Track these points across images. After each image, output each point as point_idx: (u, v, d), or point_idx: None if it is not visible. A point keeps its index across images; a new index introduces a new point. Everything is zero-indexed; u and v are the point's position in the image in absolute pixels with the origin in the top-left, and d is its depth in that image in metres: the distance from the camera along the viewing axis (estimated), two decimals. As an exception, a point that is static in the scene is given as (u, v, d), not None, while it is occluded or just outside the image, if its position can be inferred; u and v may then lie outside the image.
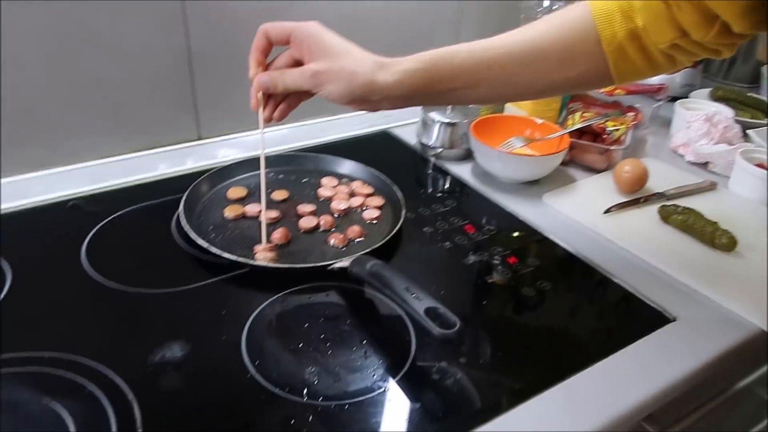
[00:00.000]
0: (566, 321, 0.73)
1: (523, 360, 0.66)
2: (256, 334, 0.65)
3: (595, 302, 0.76)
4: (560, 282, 0.78)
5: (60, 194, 0.87)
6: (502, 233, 0.86)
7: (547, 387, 0.62)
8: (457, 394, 0.61)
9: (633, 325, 0.71)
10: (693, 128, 1.10)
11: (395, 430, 0.56)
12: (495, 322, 0.72)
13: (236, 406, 0.57)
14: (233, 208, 0.83)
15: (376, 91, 0.62)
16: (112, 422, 0.54)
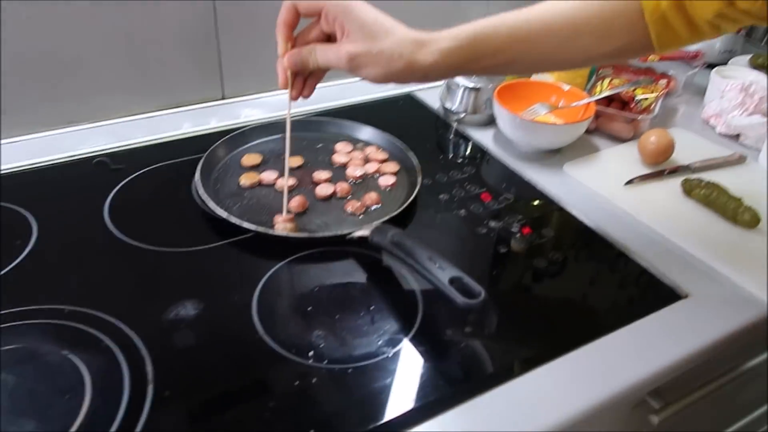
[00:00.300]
0: (577, 293, 0.73)
1: (531, 330, 0.67)
2: (267, 296, 0.67)
3: (608, 276, 0.76)
4: (574, 255, 0.77)
5: (86, 150, 0.89)
6: (518, 203, 0.85)
7: (556, 357, 0.63)
8: (461, 361, 0.62)
9: (645, 300, 0.71)
10: (727, 98, 1.06)
11: (397, 395, 0.57)
12: (505, 292, 0.72)
13: (243, 366, 0.60)
14: (249, 176, 0.83)
15: (415, 72, 0.61)
16: (125, 375, 0.57)
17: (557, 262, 0.75)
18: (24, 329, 0.61)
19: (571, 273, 0.75)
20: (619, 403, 0.62)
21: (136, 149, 0.91)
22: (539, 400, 0.58)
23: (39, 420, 0.53)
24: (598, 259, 0.78)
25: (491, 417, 0.56)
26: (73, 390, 0.55)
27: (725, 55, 1.29)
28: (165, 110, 0.96)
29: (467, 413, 0.57)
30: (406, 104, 1.11)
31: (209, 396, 0.56)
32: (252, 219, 0.74)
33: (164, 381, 0.57)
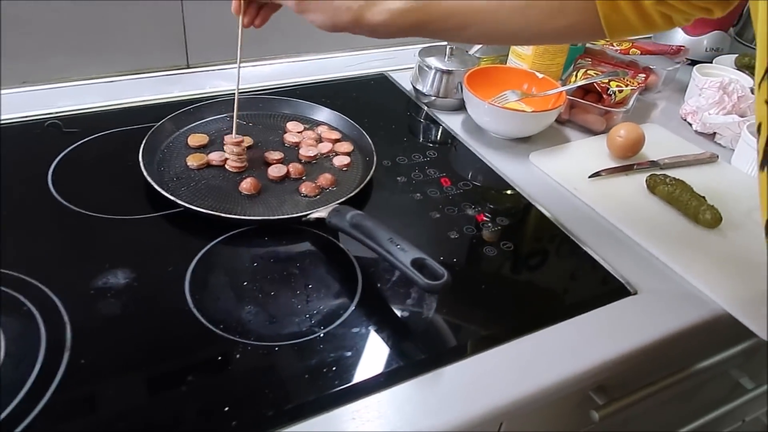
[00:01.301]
0: (527, 283, 0.71)
1: (477, 316, 0.66)
2: (202, 269, 0.66)
3: (560, 267, 0.74)
4: (526, 244, 0.76)
5: (40, 112, 0.87)
6: (478, 189, 0.83)
7: (500, 343, 0.62)
8: (394, 347, 0.60)
9: (593, 293, 0.70)
10: (705, 95, 1.04)
11: (320, 376, 0.56)
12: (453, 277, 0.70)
13: (166, 338, 0.58)
14: (196, 157, 0.80)
15: (362, 27, 0.61)
16: (42, 340, 0.55)
17: (510, 251, 0.73)
18: (-55, 288, 0.60)
19: (523, 262, 0.73)
20: (560, 394, 0.61)
21: (93, 114, 0.89)
22: (478, 383, 0.58)
23: (-56, 381, 0.51)
24: (552, 251, 0.76)
25: (418, 403, 0.55)
26: (-14, 353, 0.54)
27: (711, 54, 1.27)
28: (126, 75, 0.94)
29: (394, 397, 0.55)
30: (378, 84, 1.09)
31: (126, 367, 0.55)
32: (203, 204, 0.72)
33: (82, 349, 0.55)
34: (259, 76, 1.01)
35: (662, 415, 0.90)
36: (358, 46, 1.11)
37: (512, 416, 0.61)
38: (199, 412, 0.52)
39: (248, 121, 0.90)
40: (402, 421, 0.53)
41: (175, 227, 0.71)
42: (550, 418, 0.72)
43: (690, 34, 1.27)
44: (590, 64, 1.08)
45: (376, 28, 0.61)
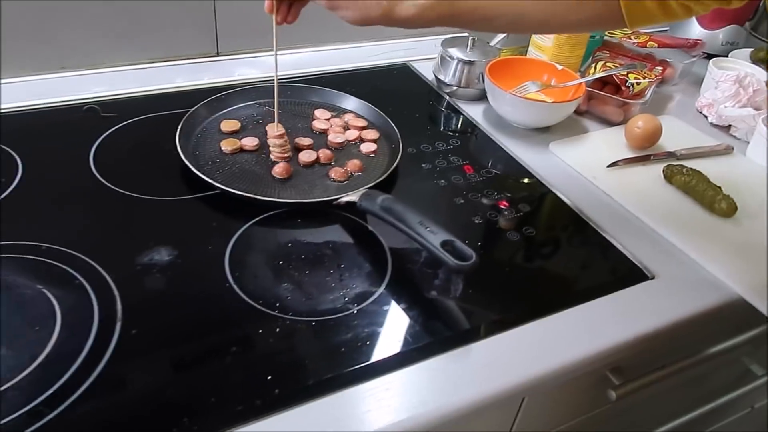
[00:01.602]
0: (548, 267, 0.74)
1: (500, 297, 0.69)
2: (240, 248, 0.69)
3: (580, 252, 0.77)
4: (548, 230, 0.79)
5: (78, 96, 0.90)
6: (499, 177, 0.86)
7: (521, 323, 0.64)
8: (425, 323, 0.63)
9: (612, 278, 0.73)
10: (721, 88, 1.06)
11: (356, 350, 0.59)
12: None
13: (210, 312, 0.62)
14: (230, 142, 0.83)
15: (392, 22, 0.63)
16: (95, 312, 0.59)
17: (531, 237, 0.76)
18: (1, 262, 0.63)
19: (544, 247, 0.76)
20: (579, 372, 0.63)
21: (128, 99, 0.92)
22: (502, 360, 0.60)
23: (8, 348, 0.55)
24: (572, 236, 0.79)
25: (447, 377, 0.58)
26: (44, 322, 0.57)
27: (727, 47, 1.29)
28: (158, 62, 0.97)
29: (424, 371, 0.58)
30: (401, 74, 1.12)
31: (175, 337, 0.58)
32: (238, 186, 0.75)
33: (132, 320, 0.59)
34: (285, 64, 1.04)
35: (674, 398, 0.93)
36: (381, 36, 1.13)
37: (534, 392, 0.65)
38: (244, 381, 0.55)
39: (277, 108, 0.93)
40: (431, 393, 0.56)
41: (212, 209, 0.75)
42: (569, 396, 0.75)
43: (706, 28, 1.29)
44: (608, 56, 1.10)
45: (405, 21, 0.63)
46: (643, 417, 0.96)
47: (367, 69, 1.11)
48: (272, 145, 0.81)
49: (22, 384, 0.52)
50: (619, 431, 0.93)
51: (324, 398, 0.55)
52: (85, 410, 0.51)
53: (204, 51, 1.00)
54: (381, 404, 0.55)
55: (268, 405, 0.53)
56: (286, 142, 0.81)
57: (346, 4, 0.63)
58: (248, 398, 0.53)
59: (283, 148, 0.81)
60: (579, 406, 0.79)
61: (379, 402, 0.55)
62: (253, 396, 0.54)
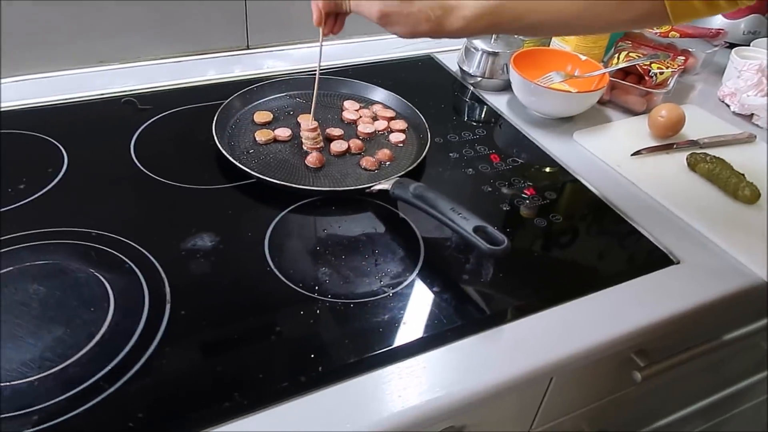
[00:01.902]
0: (575, 252, 0.76)
1: (528, 281, 0.71)
2: (278, 234, 0.72)
3: (604, 238, 0.79)
4: (575, 217, 0.81)
5: (116, 90, 0.94)
6: (525, 165, 0.88)
7: (549, 306, 0.67)
8: (457, 306, 0.66)
9: (638, 263, 0.75)
10: (743, 77, 1.07)
11: (393, 330, 0.62)
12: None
13: (254, 294, 0.64)
14: (264, 133, 0.86)
15: (441, 34, 0.65)
16: (145, 294, 0.62)
17: (558, 223, 0.78)
18: (54, 247, 0.66)
19: (571, 233, 0.78)
20: (605, 354, 0.66)
21: (163, 92, 0.95)
22: (532, 341, 0.63)
23: (67, 326, 0.58)
24: (598, 223, 0.81)
25: (479, 357, 0.61)
26: (98, 303, 0.61)
27: (749, 36, 1.29)
28: (191, 56, 1.00)
29: (458, 351, 0.61)
30: (426, 65, 1.14)
31: (222, 317, 0.61)
32: (274, 175, 0.77)
33: (181, 302, 0.62)
34: (313, 57, 1.05)
35: (693, 384, 0.95)
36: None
37: (562, 372, 0.67)
38: (288, 359, 0.58)
39: (306, 99, 0.95)
40: (466, 372, 0.59)
41: (248, 197, 0.77)
42: (595, 377, 0.77)
43: (728, 17, 1.29)
44: (630, 46, 1.11)
45: (453, 33, 0.65)
46: (664, 402, 0.98)
47: (392, 61, 1.13)
48: (305, 138, 0.84)
49: (83, 360, 0.55)
50: (641, 416, 0.96)
51: (364, 375, 0.57)
52: (143, 385, 0.54)
53: (235, 44, 1.03)
54: (420, 381, 0.57)
55: (312, 381, 0.56)
56: (318, 135, 0.84)
57: (396, 19, 0.65)
58: (293, 375, 0.56)
59: (316, 140, 0.84)
60: (604, 388, 0.82)
61: (419, 379, 0.57)
62: (297, 373, 0.56)
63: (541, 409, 0.76)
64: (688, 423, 1.06)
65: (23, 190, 0.74)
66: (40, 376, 0.54)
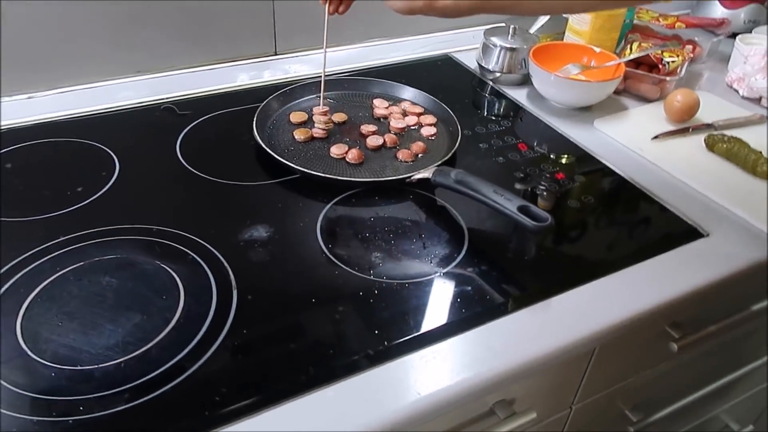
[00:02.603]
0: (606, 230, 0.80)
1: (567, 259, 0.75)
2: (328, 224, 0.75)
3: (636, 216, 0.83)
4: (604, 197, 0.85)
5: (155, 97, 0.97)
6: (552, 152, 0.92)
7: (588, 281, 0.70)
8: (505, 282, 0.69)
9: (669, 237, 0.78)
10: (750, 63, 1.11)
11: (449, 307, 0.65)
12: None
13: (313, 279, 0.68)
14: (302, 132, 0.89)
15: (434, 10, 0.68)
16: (212, 282, 0.65)
17: (590, 204, 0.82)
18: (119, 243, 0.70)
19: (602, 213, 0.82)
20: (645, 323, 0.69)
21: (200, 98, 0.99)
22: (577, 313, 0.66)
23: (143, 313, 0.61)
24: (628, 202, 0.85)
25: (528, 329, 0.64)
26: (169, 291, 0.64)
27: (749, 25, 1.34)
28: (222, 63, 1.04)
29: (510, 324, 0.64)
30: (445, 65, 1.18)
31: (287, 301, 0.65)
32: (318, 170, 0.81)
33: (246, 288, 0.65)
34: (337, 60, 1.10)
35: (719, 358, 0.98)
36: (423, 30, 1.20)
37: (605, 342, 0.70)
38: (355, 334, 0.61)
39: (336, 99, 0.99)
40: (515, 345, 0.62)
41: (294, 191, 0.81)
42: (634, 348, 0.81)
43: (728, 7, 1.34)
44: (640, 38, 1.16)
45: (443, 10, 0.68)
46: (692, 378, 1.01)
47: (413, 61, 1.17)
48: (317, 121, 0.89)
49: (163, 343, 0.59)
50: (671, 393, 0.99)
51: (424, 349, 0.61)
52: (223, 363, 0.57)
53: (263, 51, 1.06)
54: (474, 354, 0.61)
55: (381, 354, 0.59)
56: (330, 119, 0.90)
57: None
58: (362, 349, 0.60)
59: (326, 123, 0.89)
60: (642, 361, 0.85)
61: (472, 352, 0.61)
62: (365, 346, 0.60)
63: (583, 382, 0.79)
64: (709, 402, 1.10)
65: (81, 192, 0.77)
66: (126, 358, 0.57)
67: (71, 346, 0.57)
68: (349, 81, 1.03)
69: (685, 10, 1.44)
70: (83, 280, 0.65)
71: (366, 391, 0.57)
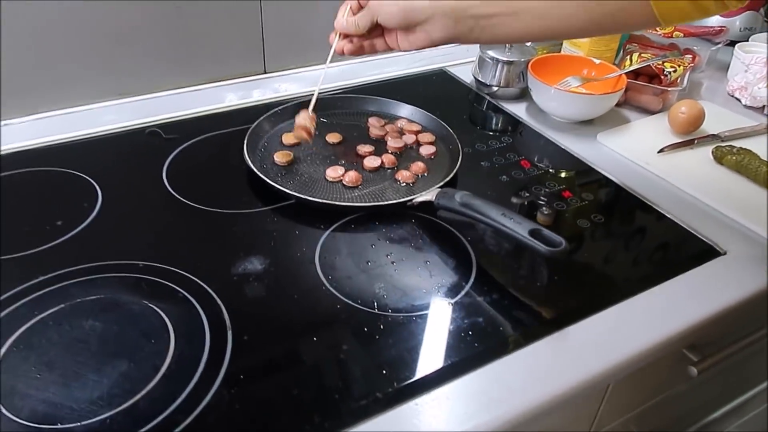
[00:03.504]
0: (619, 252, 0.76)
1: (579, 284, 0.70)
2: (327, 252, 0.71)
3: (647, 235, 0.79)
4: (614, 216, 0.81)
5: (140, 121, 0.93)
6: (556, 169, 0.88)
7: (598, 310, 0.66)
8: (516, 311, 0.65)
9: (684, 257, 0.74)
10: (752, 71, 1.09)
11: (460, 340, 0.61)
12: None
13: (314, 314, 0.63)
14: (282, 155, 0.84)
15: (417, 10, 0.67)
16: (204, 322, 0.61)
17: (601, 223, 0.78)
18: (103, 281, 0.65)
19: (614, 232, 0.78)
20: (661, 352, 0.65)
21: (186, 120, 0.95)
22: (588, 347, 0.62)
23: (131, 360, 0.56)
24: (639, 220, 0.81)
25: (543, 364, 0.60)
26: (158, 334, 0.59)
27: (746, 33, 1.32)
28: (210, 83, 0.99)
29: (526, 358, 0.60)
30: (440, 79, 1.14)
31: (287, 341, 0.60)
32: (313, 194, 0.77)
33: (242, 327, 0.60)
34: (330, 77, 1.06)
35: (732, 377, 0.95)
36: (416, 44, 1.16)
37: (618, 377, 0.66)
38: (362, 376, 0.57)
39: (330, 119, 0.95)
40: (539, 378, 0.58)
41: (289, 218, 0.76)
42: (650, 376, 0.77)
43: (724, 15, 1.32)
44: (639, 48, 1.13)
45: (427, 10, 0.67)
46: (707, 400, 0.97)
47: (407, 77, 1.14)
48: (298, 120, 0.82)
49: (153, 394, 0.54)
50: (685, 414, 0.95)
51: (443, 386, 0.56)
52: (219, 413, 0.52)
53: (252, 69, 1.02)
54: (502, 385, 0.57)
55: (390, 397, 0.55)
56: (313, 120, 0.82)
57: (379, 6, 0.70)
58: (370, 392, 0.55)
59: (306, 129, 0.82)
60: (658, 387, 0.81)
61: (501, 383, 0.57)
62: (373, 389, 0.55)
63: (599, 413, 0.75)
64: (724, 420, 1.06)
65: (61, 226, 0.72)
66: (112, 413, 0.52)
67: (51, 401, 0.52)
68: (342, 99, 0.98)
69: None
70: (64, 324, 0.60)
71: (376, 440, 0.52)
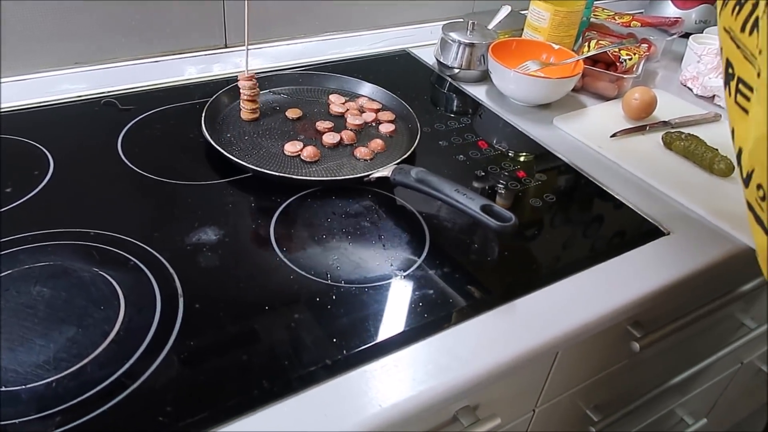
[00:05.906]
0: (568, 230, 0.78)
1: (530, 259, 0.72)
2: (283, 225, 0.71)
3: (597, 216, 0.81)
4: (566, 196, 0.83)
5: (95, 91, 0.91)
6: (512, 150, 0.90)
7: (546, 284, 0.68)
8: (467, 284, 0.67)
9: (631, 237, 0.77)
10: (703, 62, 1.12)
11: (409, 312, 0.62)
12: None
13: (267, 284, 0.64)
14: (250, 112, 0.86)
15: None
16: (156, 290, 0.61)
17: (552, 202, 0.80)
18: (53, 248, 0.64)
19: (564, 212, 0.80)
20: (607, 324, 0.67)
21: (143, 92, 0.93)
22: (539, 318, 0.64)
23: (79, 326, 0.56)
24: (589, 201, 0.83)
25: (491, 334, 0.62)
26: (108, 301, 0.59)
27: (700, 25, 1.36)
28: (169, 55, 0.98)
29: (474, 329, 0.62)
30: (402, 60, 1.15)
31: (238, 309, 0.60)
32: (273, 169, 0.77)
33: (194, 296, 0.61)
34: (292, 54, 1.06)
35: (675, 355, 0.99)
36: (380, 25, 1.16)
37: (566, 346, 0.69)
38: (312, 344, 0.58)
39: (290, 95, 0.95)
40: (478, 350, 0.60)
41: (246, 191, 0.76)
42: (595, 350, 0.79)
43: (681, 8, 1.36)
44: (597, 36, 1.15)
45: None
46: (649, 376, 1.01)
47: (369, 56, 1.14)
48: (242, 87, 0.85)
49: (101, 359, 0.54)
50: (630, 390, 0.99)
51: (390, 355, 0.57)
52: (167, 378, 0.53)
53: (213, 43, 1.01)
54: (436, 361, 0.58)
55: (339, 364, 0.56)
56: (255, 85, 0.85)
57: None
58: (319, 359, 0.56)
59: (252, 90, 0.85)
60: (603, 361, 0.84)
61: (435, 360, 0.58)
62: (323, 356, 0.56)
63: (546, 384, 0.77)
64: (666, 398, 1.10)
65: (10, 194, 0.71)
66: (57, 377, 0.52)
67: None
68: (303, 76, 0.98)
69: (638, 10, 1.45)
70: (11, 290, 0.59)
71: (324, 405, 0.53)
